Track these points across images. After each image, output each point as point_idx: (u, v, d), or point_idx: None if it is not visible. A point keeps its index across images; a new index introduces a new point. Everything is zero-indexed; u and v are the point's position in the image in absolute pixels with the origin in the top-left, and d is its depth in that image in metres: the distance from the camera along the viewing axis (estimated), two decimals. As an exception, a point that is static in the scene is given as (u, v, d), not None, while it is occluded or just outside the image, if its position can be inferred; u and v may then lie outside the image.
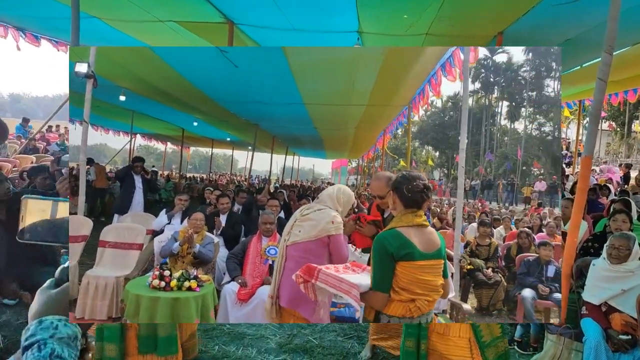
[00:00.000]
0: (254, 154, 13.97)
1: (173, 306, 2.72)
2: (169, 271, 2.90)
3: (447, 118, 42.98)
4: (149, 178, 6.03)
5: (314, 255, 2.26)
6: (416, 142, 51.53)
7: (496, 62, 38.78)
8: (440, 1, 4.00)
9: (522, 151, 30.79)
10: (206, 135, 15.59)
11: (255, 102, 8.22)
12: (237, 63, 5.67)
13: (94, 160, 10.01)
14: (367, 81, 6.51)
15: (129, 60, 6.02)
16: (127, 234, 4.09)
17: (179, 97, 8.20)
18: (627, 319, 2.44)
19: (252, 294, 3.25)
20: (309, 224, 2.35)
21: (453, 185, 34.39)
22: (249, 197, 6.57)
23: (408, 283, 1.68)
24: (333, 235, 2.34)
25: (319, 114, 9.38)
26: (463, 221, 8.06)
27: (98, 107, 10.59)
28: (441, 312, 3.78)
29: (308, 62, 5.70)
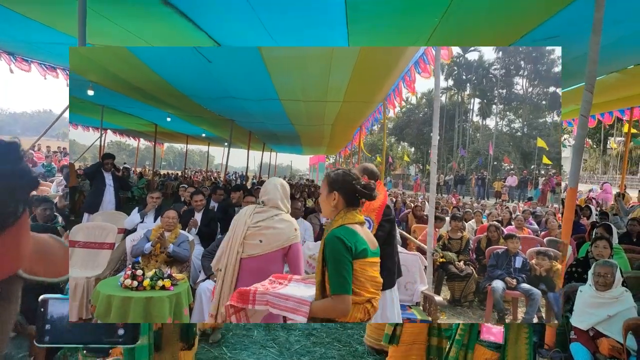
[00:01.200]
0: (231, 150, 13.80)
1: (146, 306, 2.68)
2: (141, 270, 2.85)
3: (421, 114, 43.71)
4: (121, 175, 5.85)
5: (274, 267, 2.14)
6: (392, 139, 52.20)
7: (468, 60, 39.72)
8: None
9: (494, 147, 31.73)
10: (180, 131, 15.27)
11: (229, 97, 8.12)
12: (212, 59, 5.58)
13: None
14: (342, 78, 6.55)
15: (100, 56, 5.81)
16: (97, 233, 3.98)
17: (151, 92, 7.99)
18: (614, 344, 2.54)
19: (228, 291, 3.23)
20: (272, 232, 2.19)
21: (428, 180, 35.14)
22: (226, 194, 6.49)
23: (364, 282, 1.56)
24: (295, 244, 2.22)
25: (294, 110, 9.35)
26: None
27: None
28: (415, 305, 3.88)
29: (282, 58, 5.67)
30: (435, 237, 5.02)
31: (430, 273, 4.66)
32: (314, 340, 3.43)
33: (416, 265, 4.01)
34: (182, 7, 4.16)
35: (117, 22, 4.63)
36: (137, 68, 6.06)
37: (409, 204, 8.57)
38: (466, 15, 3.95)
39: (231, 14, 4.19)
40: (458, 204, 12.53)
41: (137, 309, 2.64)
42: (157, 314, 2.70)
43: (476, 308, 5.10)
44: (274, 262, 2.18)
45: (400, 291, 3.91)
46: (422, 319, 3.52)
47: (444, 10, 3.73)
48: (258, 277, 1.93)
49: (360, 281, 1.56)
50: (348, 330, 3.74)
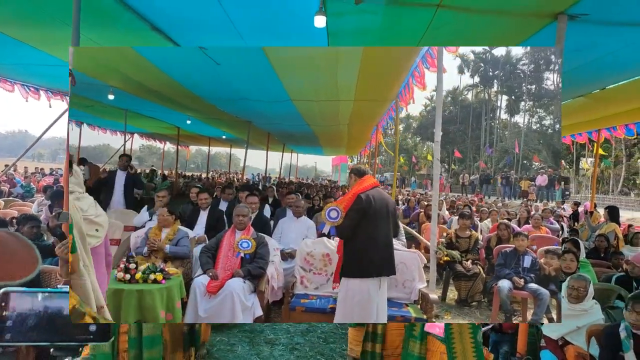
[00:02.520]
0: (251, 151, 14.00)
1: (138, 298, 2.79)
2: (134, 264, 2.97)
3: (446, 113, 42.87)
4: (134, 173, 6.05)
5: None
6: (417, 138, 51.44)
7: (495, 56, 38.60)
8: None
9: (522, 145, 30.68)
10: (201, 133, 15.66)
11: (243, 99, 8.27)
12: (219, 61, 5.72)
13: (87, 160, 10.12)
14: (350, 77, 6.54)
15: (113, 60, 6.07)
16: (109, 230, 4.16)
17: (168, 95, 8.26)
18: (580, 351, 2.63)
19: (221, 286, 3.31)
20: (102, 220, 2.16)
21: (454, 180, 34.32)
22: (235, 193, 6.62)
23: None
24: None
25: (308, 110, 9.41)
26: (450, 215, 8.10)
27: (92, 107, 10.72)
28: (412, 303, 3.83)
29: (289, 59, 5.74)
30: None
31: (434, 271, 4.59)
32: (297, 355, 3.46)
33: (415, 263, 3.95)
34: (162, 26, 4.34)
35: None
36: (148, 69, 6.28)
37: (423, 204, 8.43)
38: (457, 17, 3.88)
39: (194, 12, 4.23)
40: (468, 202, 12.20)
41: (129, 301, 2.76)
42: (149, 306, 2.81)
43: (484, 308, 4.97)
44: (104, 247, 2.20)
45: (398, 289, 3.89)
46: (417, 316, 3.47)
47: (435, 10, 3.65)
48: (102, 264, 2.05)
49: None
50: (330, 344, 3.76)
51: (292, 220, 4.94)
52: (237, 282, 3.36)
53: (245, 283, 3.43)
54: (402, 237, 5.01)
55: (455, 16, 3.86)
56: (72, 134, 15.18)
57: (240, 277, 3.44)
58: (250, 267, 3.53)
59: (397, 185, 29.36)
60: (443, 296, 5.19)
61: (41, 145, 13.87)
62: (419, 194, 16.28)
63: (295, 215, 4.93)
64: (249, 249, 3.65)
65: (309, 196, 10.93)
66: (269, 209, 6.37)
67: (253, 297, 3.48)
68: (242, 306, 3.32)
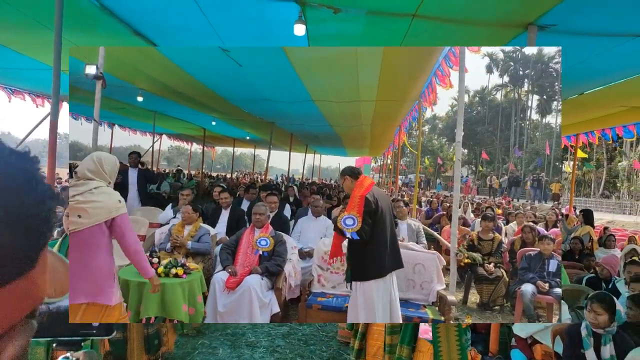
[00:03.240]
0: (275, 152, 14.21)
1: (160, 292, 2.89)
2: (157, 259, 3.09)
3: (474, 113, 41.90)
4: (145, 169, 6.12)
5: (100, 240, 2.14)
6: (443, 139, 50.50)
7: (525, 55, 37.41)
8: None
9: (554, 146, 29.56)
10: (226, 134, 15.98)
11: (265, 100, 8.40)
12: (241, 62, 5.84)
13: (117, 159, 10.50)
14: (371, 77, 6.53)
15: (139, 62, 6.29)
16: (133, 226, 4.33)
17: (193, 96, 8.49)
18: (546, 349, 2.75)
19: (240, 282, 3.39)
20: (92, 205, 2.08)
21: (481, 182, 33.46)
22: (257, 193, 6.73)
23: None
24: (119, 216, 2.16)
25: (329, 111, 9.44)
26: (475, 217, 7.93)
27: (122, 109, 11.16)
28: (430, 305, 3.79)
29: (309, 59, 5.79)
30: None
31: (454, 274, 4.51)
32: (278, 357, 3.47)
33: (433, 264, 3.91)
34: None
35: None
36: (174, 72, 6.48)
37: (445, 206, 8.29)
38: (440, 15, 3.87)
39: (175, 17, 4.30)
40: (491, 204, 11.86)
41: (151, 294, 2.86)
42: (170, 299, 2.91)
43: (507, 313, 4.83)
44: (98, 236, 2.14)
45: (416, 290, 3.86)
46: (434, 318, 3.43)
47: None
48: (85, 250, 2.01)
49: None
50: (311, 346, 3.76)
51: (311, 220, 4.98)
52: (255, 278, 3.42)
53: (262, 280, 3.49)
54: (423, 240, 4.96)
55: (430, 25, 4.05)
56: (105, 134, 15.86)
57: (258, 273, 3.50)
58: (268, 265, 3.60)
59: (422, 187, 28.92)
60: (464, 299, 5.09)
61: (23, 147, 14.34)
62: (442, 195, 15.97)
63: (314, 215, 4.97)
64: (267, 247, 3.72)
65: (330, 197, 10.97)
66: (290, 209, 6.46)
67: (270, 294, 3.54)
68: (259, 302, 3.38)
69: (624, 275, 3.75)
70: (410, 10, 3.65)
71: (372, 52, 5.34)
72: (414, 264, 3.90)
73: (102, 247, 2.17)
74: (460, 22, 3.97)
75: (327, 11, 3.67)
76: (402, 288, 3.88)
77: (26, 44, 5.49)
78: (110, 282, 2.22)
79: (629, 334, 2.35)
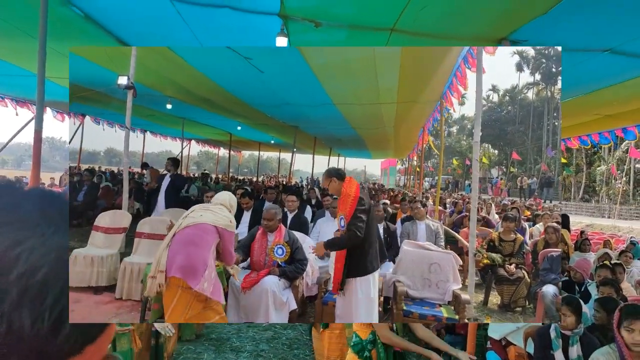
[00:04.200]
0: (301, 156, 14.36)
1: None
2: (180, 256, 3.28)
3: (504, 113, 40.71)
4: (173, 175, 6.32)
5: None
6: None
7: (559, 52, 35.96)
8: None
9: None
10: (251, 138, 16.35)
11: (287, 104, 8.59)
12: (262, 69, 6.03)
13: (148, 164, 11.02)
14: (391, 79, 6.57)
15: (167, 70, 6.60)
16: (159, 226, 4.60)
17: (219, 102, 8.81)
18: (519, 351, 2.82)
19: (256, 282, 3.52)
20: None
21: (512, 183, 32.42)
22: (277, 194, 6.92)
23: None
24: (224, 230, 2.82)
25: (351, 113, 9.53)
26: (500, 218, 7.77)
27: (153, 115, 11.68)
28: (446, 304, 3.80)
29: (327, 63, 5.91)
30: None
31: (472, 274, 4.48)
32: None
33: (449, 264, 3.92)
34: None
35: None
36: (198, 79, 6.76)
37: (469, 207, 8.16)
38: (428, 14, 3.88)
39: (161, 28, 4.39)
40: (516, 205, 11.52)
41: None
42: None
43: (529, 314, 4.75)
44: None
45: (432, 289, 3.88)
46: (449, 317, 3.45)
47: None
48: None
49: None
50: (295, 350, 3.80)
51: (329, 220, 5.08)
52: (272, 279, 3.52)
53: (280, 280, 3.61)
54: (441, 242, 4.94)
55: (408, 39, 4.19)
56: (137, 140, 16.62)
57: (275, 275, 3.61)
58: (288, 270, 3.64)
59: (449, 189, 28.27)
60: (485, 300, 5.04)
61: (5, 152, 14.72)
62: (467, 197, 15.65)
63: (332, 216, 5.07)
64: (283, 257, 3.70)
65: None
66: (311, 211, 6.60)
67: (288, 292, 3.65)
68: (277, 302, 3.49)
69: (596, 279, 3.86)
70: (389, 24, 3.80)
71: (390, 53, 5.38)
72: (429, 264, 3.93)
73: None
74: (436, 37, 4.17)
75: (309, 24, 3.78)
76: (418, 287, 3.92)
77: (10, 52, 5.68)
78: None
79: (596, 335, 2.41)
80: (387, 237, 4.86)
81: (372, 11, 3.65)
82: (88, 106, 10.63)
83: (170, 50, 5.29)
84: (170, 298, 2.64)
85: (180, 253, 2.69)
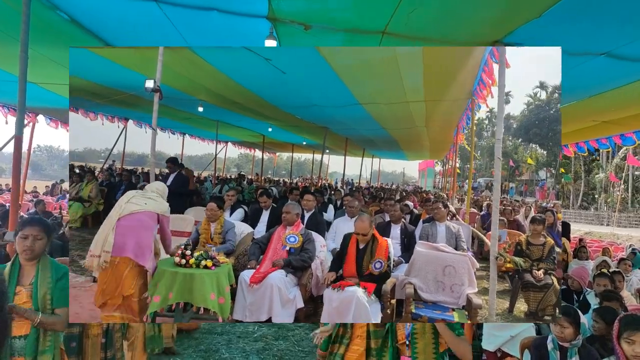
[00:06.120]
0: (337, 157, 14.32)
1: (189, 280, 3.18)
2: (190, 251, 3.39)
3: (552, 111, 38.41)
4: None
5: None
6: (518, 140, 46.94)
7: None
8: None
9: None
10: (283, 139, 16.56)
11: (314, 105, 8.62)
12: (283, 69, 6.09)
13: (184, 165, 11.48)
14: (415, 77, 6.42)
15: (194, 74, 6.82)
16: (180, 223, 4.78)
17: (247, 105, 9.01)
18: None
19: (264, 277, 3.56)
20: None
21: (560, 186, 30.49)
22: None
23: None
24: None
25: (380, 113, 9.39)
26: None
27: (189, 118, 12.18)
28: (460, 308, 3.65)
29: (349, 63, 5.87)
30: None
31: (494, 279, 4.26)
32: None
33: (464, 267, 3.76)
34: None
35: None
36: (226, 83, 6.95)
37: (501, 209, 7.79)
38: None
39: (149, 33, 4.35)
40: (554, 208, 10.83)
41: (182, 282, 3.16)
42: (198, 288, 3.18)
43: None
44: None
45: (446, 292, 3.75)
46: (459, 321, 3.30)
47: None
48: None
49: None
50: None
51: (346, 220, 5.05)
52: (278, 275, 3.57)
53: (287, 276, 3.64)
54: (462, 244, 4.72)
55: (400, 42, 4.18)
56: (177, 143, 17.39)
57: (279, 266, 3.65)
58: (293, 259, 3.73)
59: (492, 192, 27.07)
60: (510, 308, 4.78)
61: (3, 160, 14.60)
62: (508, 200, 14.94)
63: (349, 216, 5.03)
64: (295, 243, 3.87)
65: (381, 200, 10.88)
66: (333, 210, 6.62)
67: (296, 289, 3.67)
68: (283, 298, 3.52)
69: (594, 287, 3.72)
70: (380, 27, 3.76)
71: (412, 52, 5.26)
72: (443, 266, 3.79)
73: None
74: (428, 40, 4.12)
75: (298, 27, 3.76)
76: (431, 290, 3.79)
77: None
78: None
79: (595, 347, 2.34)
80: (405, 238, 4.74)
81: (362, 14, 3.61)
82: (130, 110, 11.25)
83: (193, 52, 5.46)
84: (118, 276, 3.09)
85: (131, 236, 3.14)
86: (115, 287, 3.07)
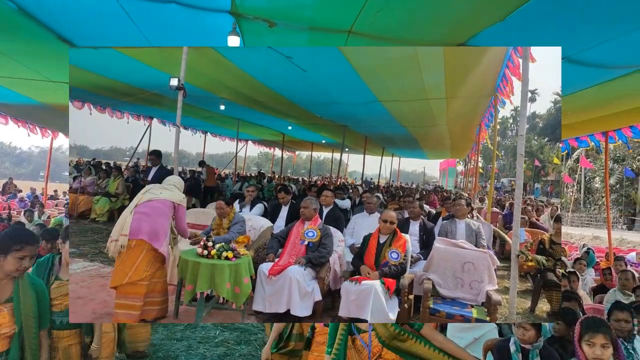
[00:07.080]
0: (357, 156, 14.30)
1: (211, 270, 3.28)
2: (212, 242, 3.49)
3: (580, 110, 37.03)
4: (160, 169, 6.32)
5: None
6: (544, 139, 45.62)
7: None
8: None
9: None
10: (302, 138, 16.65)
11: (333, 103, 8.64)
12: (303, 67, 6.15)
13: (205, 162, 11.73)
14: (436, 75, 6.36)
15: (214, 71, 6.92)
16: (201, 217, 4.91)
17: (267, 103, 9.12)
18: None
19: (282, 270, 3.63)
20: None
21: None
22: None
23: None
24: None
25: (399, 111, 9.33)
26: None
27: (210, 117, 12.41)
28: (479, 305, 3.61)
29: (370, 62, 5.87)
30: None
31: (515, 277, 4.19)
32: None
33: (484, 264, 3.72)
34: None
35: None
36: (246, 80, 7.05)
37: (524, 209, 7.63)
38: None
39: (90, 6, 3.83)
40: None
41: (204, 272, 3.27)
42: (219, 277, 3.28)
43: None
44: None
45: (465, 289, 3.72)
46: (478, 318, 3.27)
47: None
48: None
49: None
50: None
51: (364, 216, 5.07)
52: (297, 268, 3.63)
53: (305, 270, 3.69)
54: (482, 241, 4.65)
55: (366, 42, 4.14)
56: (200, 141, 17.73)
57: (300, 264, 3.70)
58: (312, 256, 3.78)
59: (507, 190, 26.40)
60: (532, 307, 4.69)
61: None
62: (532, 200, 14.57)
63: (367, 212, 5.05)
64: (313, 238, 3.92)
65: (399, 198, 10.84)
66: (349, 203, 6.68)
67: (314, 283, 3.72)
68: (302, 291, 3.57)
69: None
70: (346, 27, 3.73)
71: (433, 51, 5.22)
72: (463, 262, 3.75)
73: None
74: (394, 40, 4.10)
75: (263, 24, 3.68)
76: (450, 286, 3.76)
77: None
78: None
79: (555, 347, 2.38)
80: (423, 235, 4.72)
81: (327, 13, 3.60)
82: (154, 108, 11.56)
83: (216, 51, 5.58)
84: (133, 258, 3.26)
85: (147, 221, 3.35)
86: (128, 270, 3.26)
